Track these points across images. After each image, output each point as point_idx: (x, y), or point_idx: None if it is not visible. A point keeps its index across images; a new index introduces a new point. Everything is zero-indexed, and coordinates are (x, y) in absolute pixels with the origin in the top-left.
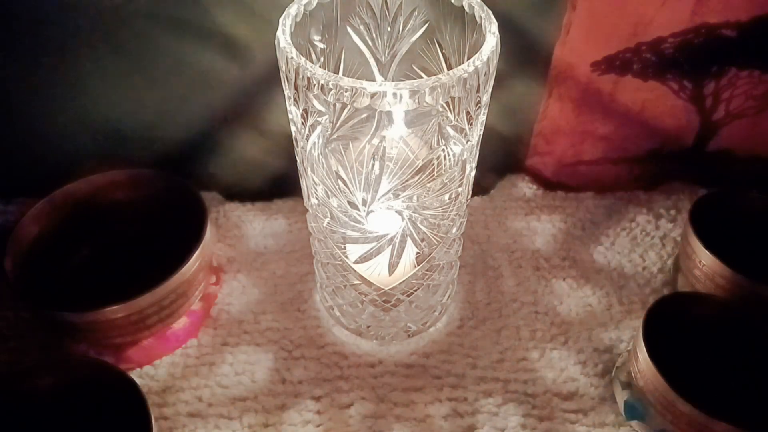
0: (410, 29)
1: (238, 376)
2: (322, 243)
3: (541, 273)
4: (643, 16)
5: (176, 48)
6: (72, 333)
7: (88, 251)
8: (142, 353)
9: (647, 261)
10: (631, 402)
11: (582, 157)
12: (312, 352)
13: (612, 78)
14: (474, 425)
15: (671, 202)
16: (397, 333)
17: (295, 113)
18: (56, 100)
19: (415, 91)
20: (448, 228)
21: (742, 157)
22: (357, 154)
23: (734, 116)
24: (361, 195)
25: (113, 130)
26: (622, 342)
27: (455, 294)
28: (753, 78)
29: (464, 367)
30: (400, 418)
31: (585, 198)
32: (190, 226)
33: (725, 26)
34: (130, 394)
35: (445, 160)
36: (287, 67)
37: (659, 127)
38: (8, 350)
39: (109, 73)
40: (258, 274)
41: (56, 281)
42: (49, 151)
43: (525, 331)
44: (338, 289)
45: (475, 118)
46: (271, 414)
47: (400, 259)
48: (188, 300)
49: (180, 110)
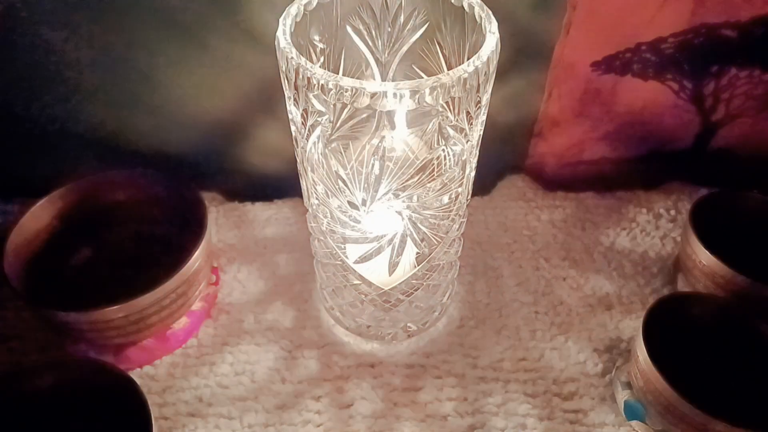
0: (410, 29)
1: (238, 375)
2: (322, 243)
3: (541, 273)
4: (643, 16)
5: (176, 48)
6: (72, 333)
7: (88, 251)
8: (142, 353)
9: (647, 261)
10: (631, 402)
11: (582, 157)
12: (312, 352)
13: (612, 78)
14: (474, 425)
15: (671, 202)
16: (397, 333)
17: (295, 113)
18: (56, 100)
19: (416, 91)
20: (448, 228)
21: (742, 157)
22: (357, 154)
23: (734, 116)
24: (361, 195)
25: (113, 130)
26: (622, 342)
27: (455, 294)
28: (753, 78)
29: (464, 367)
30: (400, 418)
31: (585, 198)
32: (190, 226)
33: (725, 26)
34: (130, 394)
35: (445, 160)
36: (287, 67)
37: (659, 127)
38: (8, 350)
39: (109, 73)
40: (258, 274)
41: (56, 281)
42: (49, 151)
43: (525, 331)
44: (338, 289)
45: (475, 118)
46: (271, 414)
47: (400, 260)
48: (188, 300)
49: (180, 110)
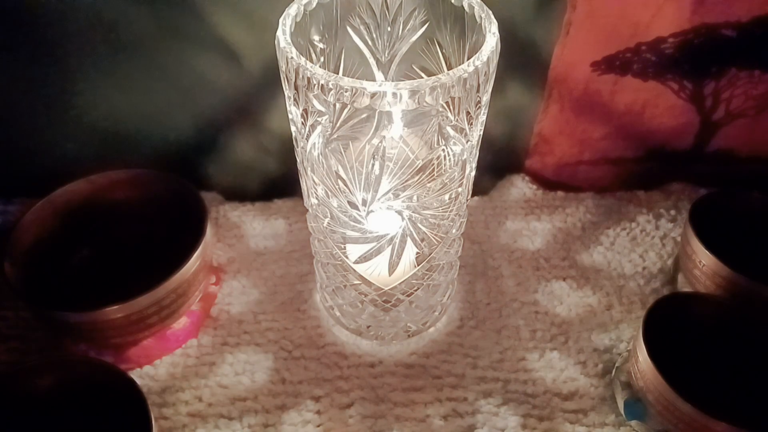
0: (410, 29)
1: (238, 376)
2: (322, 243)
3: (541, 273)
4: (643, 16)
5: (176, 48)
6: (72, 333)
7: (88, 251)
8: (142, 353)
9: (647, 261)
10: (631, 402)
11: (582, 157)
12: (312, 352)
13: (612, 78)
14: (474, 425)
15: (671, 202)
16: (397, 333)
17: (295, 113)
18: (56, 101)
19: (415, 91)
20: (448, 228)
21: (742, 157)
22: (357, 154)
23: (734, 116)
24: (361, 195)
25: (113, 130)
26: (622, 342)
27: (455, 294)
28: (753, 78)
29: (464, 367)
30: (400, 418)
31: (585, 198)
32: (190, 226)
33: (725, 26)
34: (130, 394)
35: (445, 160)
36: (287, 67)
37: (659, 127)
38: (8, 350)
39: (110, 74)
40: (258, 274)
41: (56, 281)
42: (49, 151)
43: (525, 331)
44: (338, 289)
45: (475, 118)
46: (271, 414)
47: (400, 259)
48: (188, 300)
49: (180, 110)
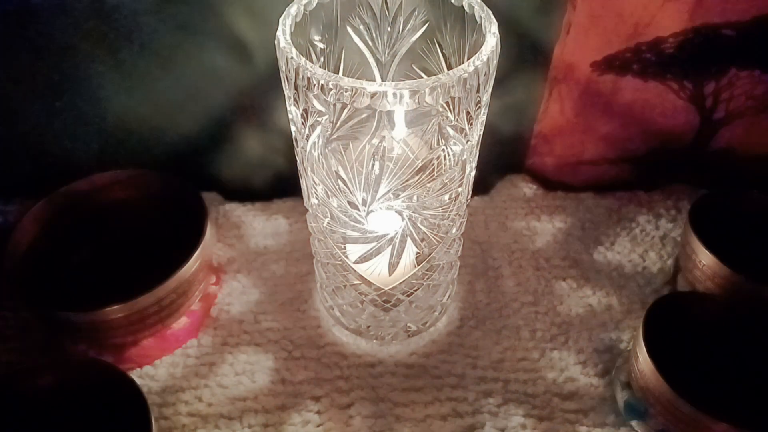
0: (410, 29)
1: (238, 376)
2: (322, 243)
3: (541, 273)
4: (642, 16)
5: (177, 48)
6: (72, 333)
7: (88, 251)
8: (142, 353)
9: (647, 261)
10: (631, 402)
11: (582, 157)
12: (312, 352)
13: (612, 78)
14: (474, 425)
15: (671, 202)
16: (397, 333)
17: (295, 113)
18: (56, 100)
19: (415, 91)
20: (448, 228)
21: (742, 156)
22: (357, 154)
23: (734, 116)
24: (361, 195)
25: (113, 130)
26: (622, 342)
27: (455, 294)
28: (753, 78)
29: (464, 367)
30: (400, 418)
31: (585, 198)
32: (190, 226)
33: (725, 26)
34: (130, 394)
35: (445, 160)
36: (287, 67)
37: (659, 127)
38: (8, 350)
39: (110, 74)
40: (258, 274)
41: (56, 281)
42: (49, 151)
43: (525, 331)
44: (338, 289)
45: (475, 118)
46: (271, 414)
47: (400, 259)
48: (188, 300)
49: (180, 110)
